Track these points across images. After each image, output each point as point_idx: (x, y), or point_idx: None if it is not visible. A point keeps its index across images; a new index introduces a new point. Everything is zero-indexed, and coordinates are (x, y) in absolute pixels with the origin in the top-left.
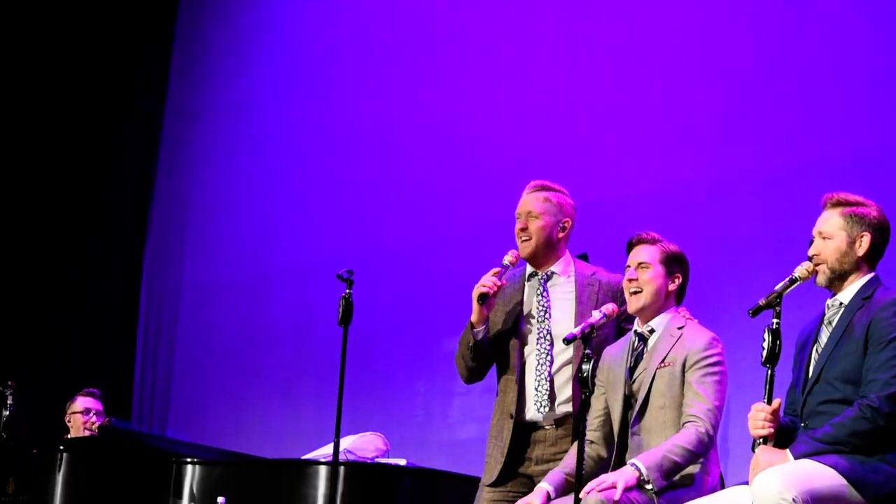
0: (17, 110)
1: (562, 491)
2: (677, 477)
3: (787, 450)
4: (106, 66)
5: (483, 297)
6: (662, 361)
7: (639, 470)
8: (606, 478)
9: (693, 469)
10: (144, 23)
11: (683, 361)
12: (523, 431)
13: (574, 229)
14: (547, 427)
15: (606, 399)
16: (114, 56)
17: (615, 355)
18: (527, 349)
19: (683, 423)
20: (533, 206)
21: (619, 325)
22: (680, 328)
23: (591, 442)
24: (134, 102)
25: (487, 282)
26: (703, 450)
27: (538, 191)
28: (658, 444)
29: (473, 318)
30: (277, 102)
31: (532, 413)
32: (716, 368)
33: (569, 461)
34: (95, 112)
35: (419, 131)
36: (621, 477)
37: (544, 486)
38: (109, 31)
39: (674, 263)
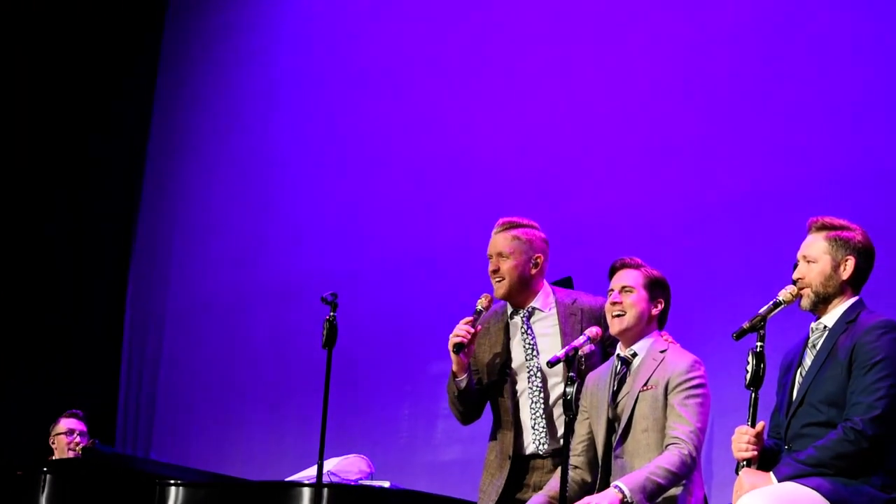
0: None
1: None
2: (660, 499)
3: (771, 472)
4: (90, 85)
5: (458, 347)
6: (645, 384)
7: (622, 492)
8: (591, 499)
9: (676, 491)
10: (128, 42)
11: (666, 384)
12: (522, 462)
13: (549, 261)
14: (546, 456)
15: (590, 423)
16: (99, 73)
17: (598, 379)
18: (519, 388)
19: (666, 446)
20: (502, 246)
21: (605, 349)
22: (662, 352)
23: (576, 467)
24: (117, 122)
25: (461, 331)
26: (686, 472)
27: (506, 230)
28: (640, 467)
29: (454, 367)
30: (260, 125)
31: (531, 449)
32: (698, 391)
33: (552, 484)
34: (78, 131)
35: (402, 153)
36: (605, 499)
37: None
38: (90, 53)
39: (656, 288)
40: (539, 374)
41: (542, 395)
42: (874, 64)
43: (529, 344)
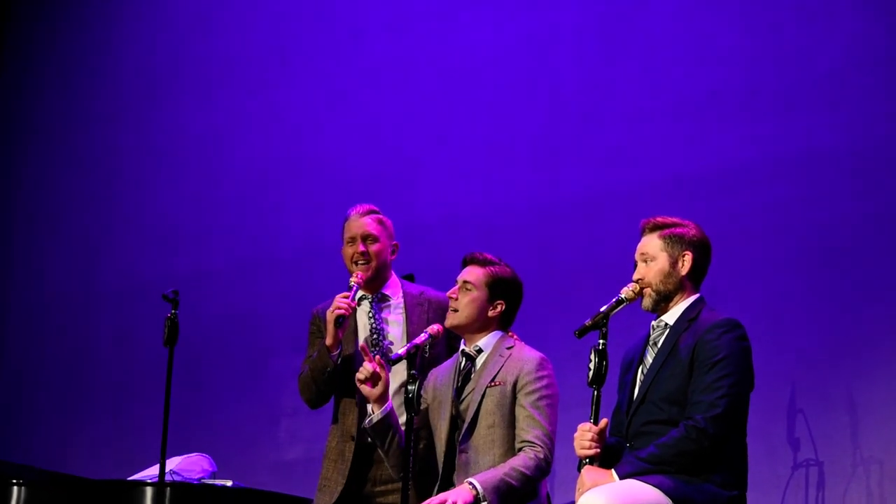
0: None
1: (388, 422)
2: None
3: (613, 470)
4: None
5: (340, 320)
6: (492, 380)
7: (476, 489)
8: (444, 496)
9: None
10: None
11: (515, 382)
12: (364, 452)
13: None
14: None
15: (430, 418)
16: None
17: (441, 375)
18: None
19: (520, 448)
20: (370, 229)
21: (451, 342)
22: (509, 348)
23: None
24: None
25: (342, 304)
26: (540, 475)
27: (370, 214)
28: (485, 462)
29: (329, 341)
30: (105, 118)
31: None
32: (548, 391)
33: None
34: None
35: (247, 150)
36: (458, 496)
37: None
38: None
39: (498, 288)
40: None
41: None
42: (717, 67)
43: (376, 329)
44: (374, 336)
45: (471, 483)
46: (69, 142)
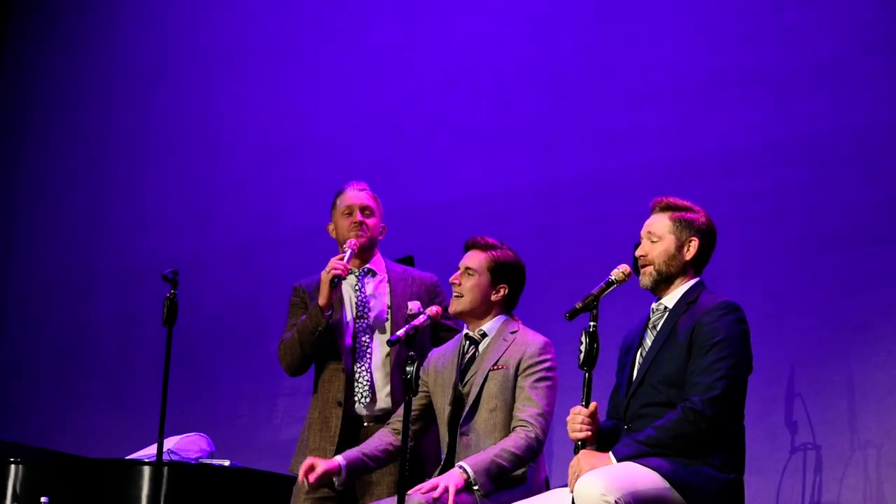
0: None
1: (354, 469)
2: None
3: (610, 452)
4: None
5: (335, 280)
6: (495, 364)
7: (466, 472)
8: (435, 481)
9: (518, 471)
10: None
11: (517, 365)
12: (349, 425)
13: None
14: (368, 424)
15: (433, 401)
16: None
17: (443, 357)
18: (347, 343)
19: (513, 428)
20: (368, 202)
21: (437, 332)
22: (513, 332)
23: (394, 429)
24: None
25: (338, 265)
26: (532, 455)
27: (367, 190)
28: (487, 446)
29: (322, 301)
30: (104, 103)
31: (356, 406)
32: (549, 374)
33: (372, 443)
34: None
35: (247, 133)
36: (450, 480)
37: (337, 459)
38: None
39: (500, 272)
40: (367, 331)
41: (368, 351)
42: (719, 50)
43: (361, 301)
44: (360, 308)
45: (462, 467)
46: (68, 125)
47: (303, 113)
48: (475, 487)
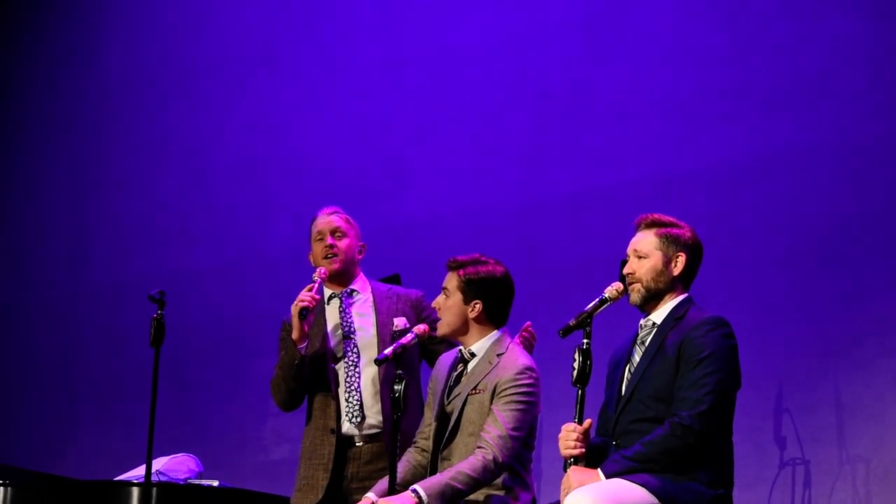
0: None
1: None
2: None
3: (599, 469)
4: None
5: (304, 312)
6: (475, 388)
7: (419, 496)
8: (385, 501)
9: (500, 493)
10: None
11: (493, 389)
12: (340, 447)
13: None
14: (359, 444)
15: (429, 407)
16: None
17: (444, 367)
18: (337, 367)
19: (474, 450)
20: (339, 224)
21: (427, 346)
22: (500, 354)
23: (423, 450)
24: None
25: (305, 297)
26: (489, 477)
27: (338, 213)
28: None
29: (295, 334)
30: (91, 122)
31: (346, 426)
32: (522, 398)
33: (400, 469)
34: None
35: (233, 150)
36: (400, 502)
37: (369, 496)
38: None
39: (472, 289)
40: (355, 351)
41: (356, 370)
42: (704, 65)
43: (347, 322)
44: (346, 329)
45: (414, 490)
46: (56, 142)
47: (288, 130)
48: None
